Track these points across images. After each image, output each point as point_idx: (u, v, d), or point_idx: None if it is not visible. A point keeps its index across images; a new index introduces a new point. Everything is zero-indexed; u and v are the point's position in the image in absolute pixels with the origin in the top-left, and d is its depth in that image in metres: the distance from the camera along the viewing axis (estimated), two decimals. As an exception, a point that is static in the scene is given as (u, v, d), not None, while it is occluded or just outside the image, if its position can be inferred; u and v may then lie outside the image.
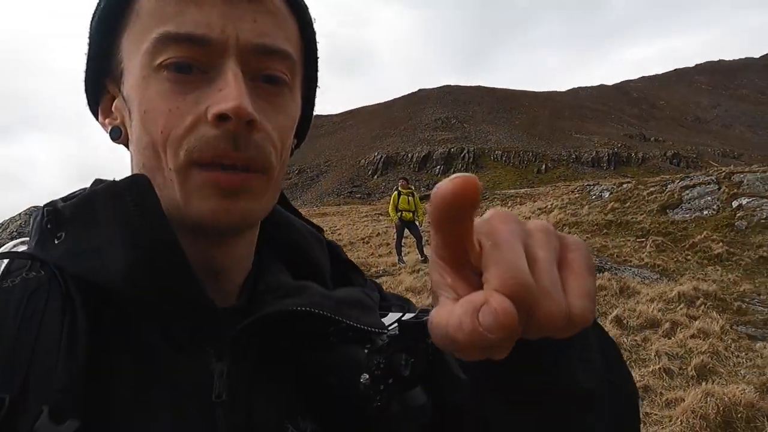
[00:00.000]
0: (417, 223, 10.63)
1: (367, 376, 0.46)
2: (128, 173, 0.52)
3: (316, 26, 0.56)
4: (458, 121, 78.06)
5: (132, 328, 0.46)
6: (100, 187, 0.48)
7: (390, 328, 0.52)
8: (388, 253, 12.59)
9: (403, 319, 0.52)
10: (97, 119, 0.56)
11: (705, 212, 12.29)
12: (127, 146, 0.54)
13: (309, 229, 0.64)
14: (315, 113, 0.65)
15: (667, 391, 4.31)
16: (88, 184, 0.54)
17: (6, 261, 0.46)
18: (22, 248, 0.51)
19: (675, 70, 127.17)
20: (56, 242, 0.47)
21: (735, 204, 12.04)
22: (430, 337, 0.30)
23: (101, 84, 0.54)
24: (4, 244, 0.55)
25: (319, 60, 0.58)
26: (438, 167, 59.70)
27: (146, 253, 0.44)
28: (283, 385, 0.51)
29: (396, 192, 10.63)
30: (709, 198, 12.78)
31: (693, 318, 5.93)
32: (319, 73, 0.59)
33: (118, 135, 0.53)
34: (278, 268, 0.59)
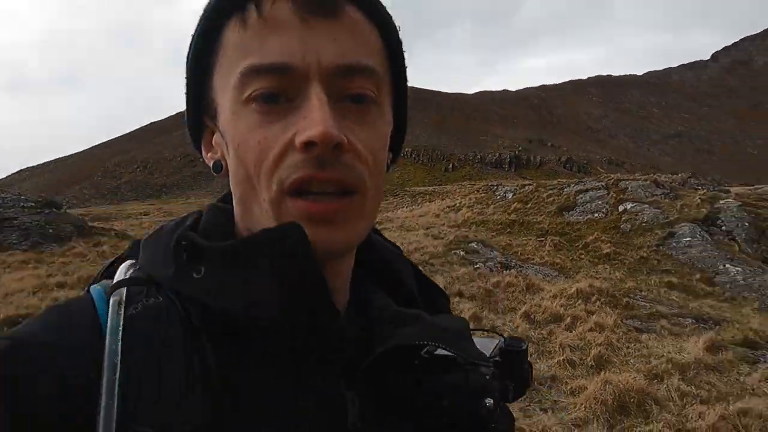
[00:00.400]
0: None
1: (492, 401, 0.51)
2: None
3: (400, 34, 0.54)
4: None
5: (265, 357, 0.48)
6: (256, 236, 0.48)
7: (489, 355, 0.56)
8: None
9: (504, 347, 0.57)
10: (201, 155, 0.57)
11: (596, 215, 13.53)
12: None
13: (395, 248, 0.65)
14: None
15: (571, 379, 4.76)
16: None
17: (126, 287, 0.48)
18: (133, 272, 0.51)
19: (570, 81, 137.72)
20: (195, 276, 0.48)
21: (621, 208, 13.39)
22: (527, 364, 0.39)
23: (201, 121, 0.55)
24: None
25: (407, 69, 0.56)
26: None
27: (300, 293, 0.47)
28: (402, 414, 0.52)
29: None
30: (599, 202, 14.08)
31: (590, 313, 6.57)
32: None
33: (220, 169, 0.53)
34: (380, 293, 0.59)
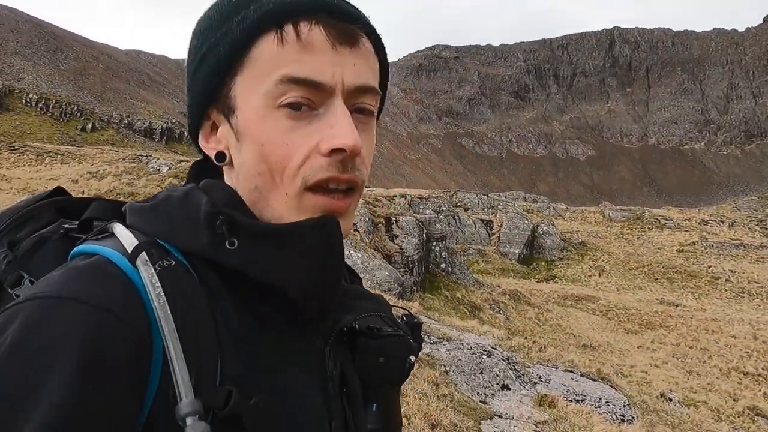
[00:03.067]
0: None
1: (414, 358, 0.67)
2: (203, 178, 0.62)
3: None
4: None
5: (275, 319, 0.58)
6: (299, 223, 0.57)
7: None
8: None
9: (410, 320, 0.74)
10: (196, 141, 0.64)
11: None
12: (222, 166, 0.62)
13: None
14: None
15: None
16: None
17: (137, 244, 0.53)
18: (129, 233, 0.55)
19: None
20: (229, 246, 0.54)
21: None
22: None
23: (205, 112, 0.62)
24: None
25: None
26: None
27: (328, 271, 0.58)
28: (355, 368, 0.65)
29: None
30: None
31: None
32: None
33: (223, 159, 0.61)
34: None
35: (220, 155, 0.61)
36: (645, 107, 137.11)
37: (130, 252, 0.52)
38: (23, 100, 49.94)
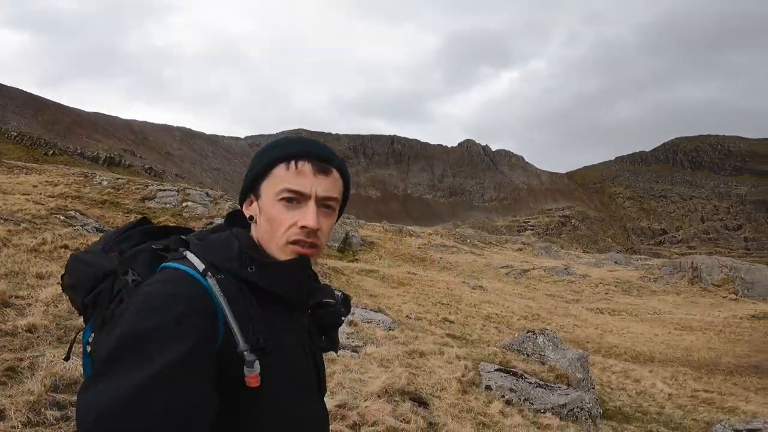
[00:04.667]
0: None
1: (344, 319, 1.17)
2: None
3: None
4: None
5: (277, 307, 1.02)
6: (287, 261, 1.03)
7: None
8: None
9: (342, 296, 1.23)
10: (241, 207, 1.13)
11: (167, 205, 20.05)
12: (250, 223, 1.10)
13: None
14: None
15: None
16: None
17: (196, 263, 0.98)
18: (195, 259, 0.99)
19: (165, 124, 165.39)
20: (249, 270, 0.99)
21: (184, 204, 20.36)
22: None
23: (247, 194, 1.11)
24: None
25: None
26: None
27: (298, 285, 1.04)
28: (314, 324, 1.14)
29: None
30: (171, 198, 20.68)
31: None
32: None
33: (252, 219, 1.09)
34: None
35: (251, 217, 1.08)
36: (407, 175, 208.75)
37: (201, 270, 0.95)
38: (6, 135, 65.69)
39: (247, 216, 1.10)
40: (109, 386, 0.79)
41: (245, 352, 0.91)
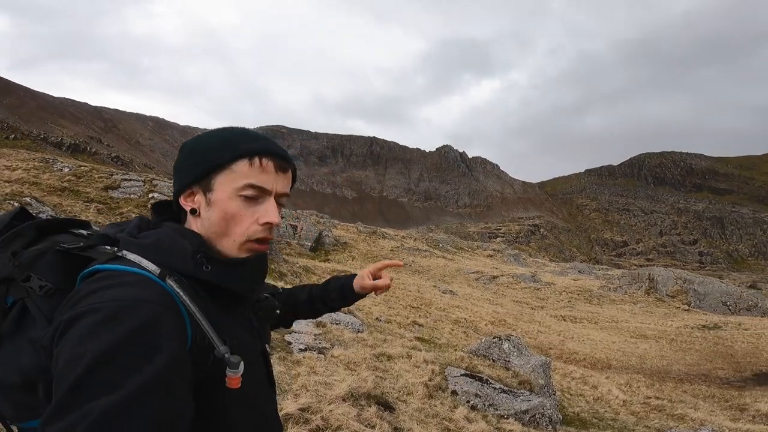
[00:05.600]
0: None
1: (279, 311, 1.23)
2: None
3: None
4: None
5: (228, 303, 1.03)
6: (247, 258, 1.04)
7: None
8: None
9: (277, 290, 1.48)
10: (178, 199, 1.07)
11: (132, 196, 19.44)
12: (186, 216, 1.07)
13: None
14: None
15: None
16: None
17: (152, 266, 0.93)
18: (143, 260, 0.93)
19: (137, 113, 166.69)
20: (204, 269, 0.96)
21: (150, 195, 19.76)
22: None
23: (189, 185, 1.05)
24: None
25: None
26: None
27: (258, 282, 1.10)
28: (257, 316, 1.17)
29: None
30: (137, 188, 20.08)
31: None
32: None
33: (195, 212, 1.04)
34: None
35: (194, 210, 1.03)
36: (384, 177, 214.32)
37: (158, 273, 0.90)
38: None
39: (188, 209, 1.05)
40: (99, 402, 0.75)
41: (226, 355, 0.91)
